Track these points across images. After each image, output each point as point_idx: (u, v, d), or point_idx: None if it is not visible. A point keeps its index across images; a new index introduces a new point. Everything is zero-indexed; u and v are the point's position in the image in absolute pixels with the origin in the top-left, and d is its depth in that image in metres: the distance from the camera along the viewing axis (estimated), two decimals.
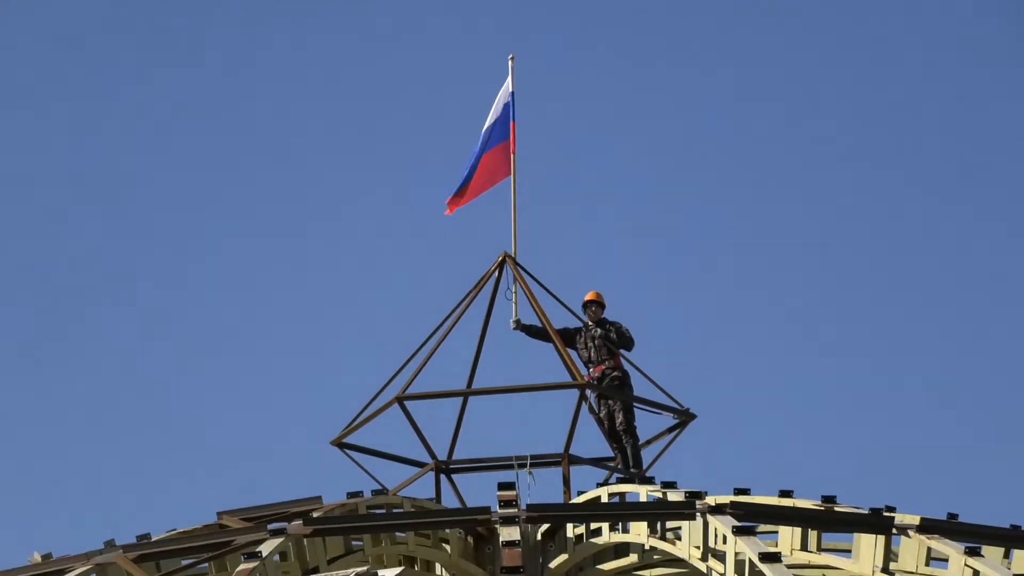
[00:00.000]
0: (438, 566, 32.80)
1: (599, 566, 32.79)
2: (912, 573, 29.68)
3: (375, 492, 33.90)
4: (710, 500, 30.76)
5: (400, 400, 34.89)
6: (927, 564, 29.69)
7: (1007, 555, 30.75)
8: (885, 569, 29.45)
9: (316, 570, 29.81)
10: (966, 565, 28.55)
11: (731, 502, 30.61)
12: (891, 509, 31.17)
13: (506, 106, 35.40)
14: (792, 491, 32.72)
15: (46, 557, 31.10)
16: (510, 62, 36.26)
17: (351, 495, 32.90)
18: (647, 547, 31.49)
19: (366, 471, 35.72)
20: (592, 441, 35.35)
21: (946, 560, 28.99)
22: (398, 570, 31.52)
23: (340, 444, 35.62)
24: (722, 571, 29.12)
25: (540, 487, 34.56)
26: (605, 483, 34.96)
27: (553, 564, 32.18)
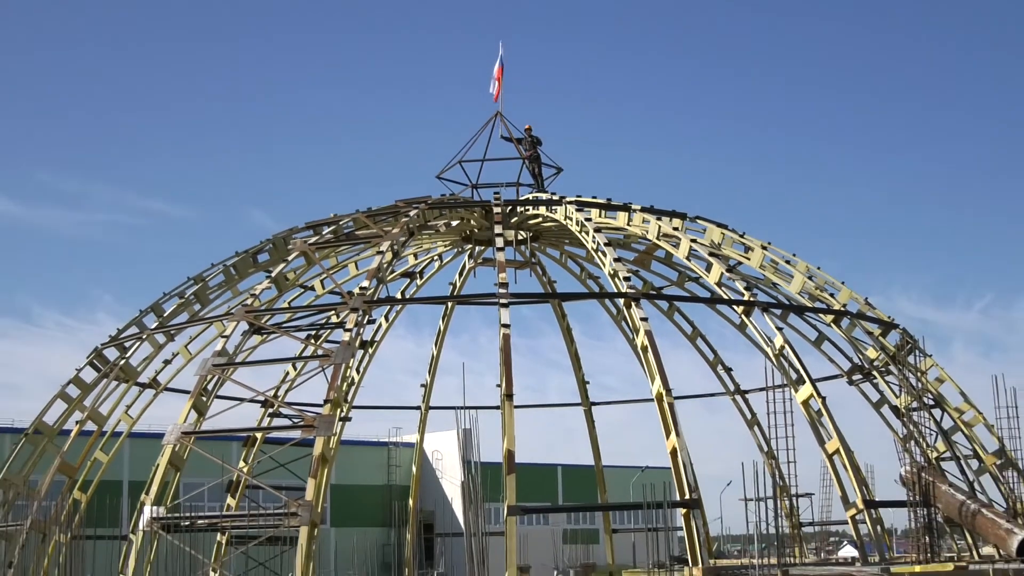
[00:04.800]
0: (471, 221, 32.97)
1: (529, 221, 33.18)
2: (648, 240, 30.20)
3: (451, 195, 33.35)
4: (570, 199, 31.36)
5: (460, 162, 33.91)
6: (668, 240, 30.23)
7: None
8: (632, 229, 30.73)
9: (429, 220, 31.22)
10: (675, 231, 30.06)
11: (575, 200, 31.19)
12: (629, 204, 31.18)
13: (500, 58, 34.77)
14: (598, 196, 32.19)
15: (316, 224, 30.80)
16: (500, 45, 35.24)
17: (441, 195, 32.71)
18: (544, 216, 32.10)
19: (448, 188, 34.10)
20: (527, 178, 34.73)
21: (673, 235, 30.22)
22: (457, 221, 33.09)
23: (439, 177, 34.20)
24: (574, 224, 29.92)
25: (507, 194, 33.71)
26: (530, 193, 34.23)
27: (512, 220, 32.70)
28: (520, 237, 34.13)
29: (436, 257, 36.77)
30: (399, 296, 35.75)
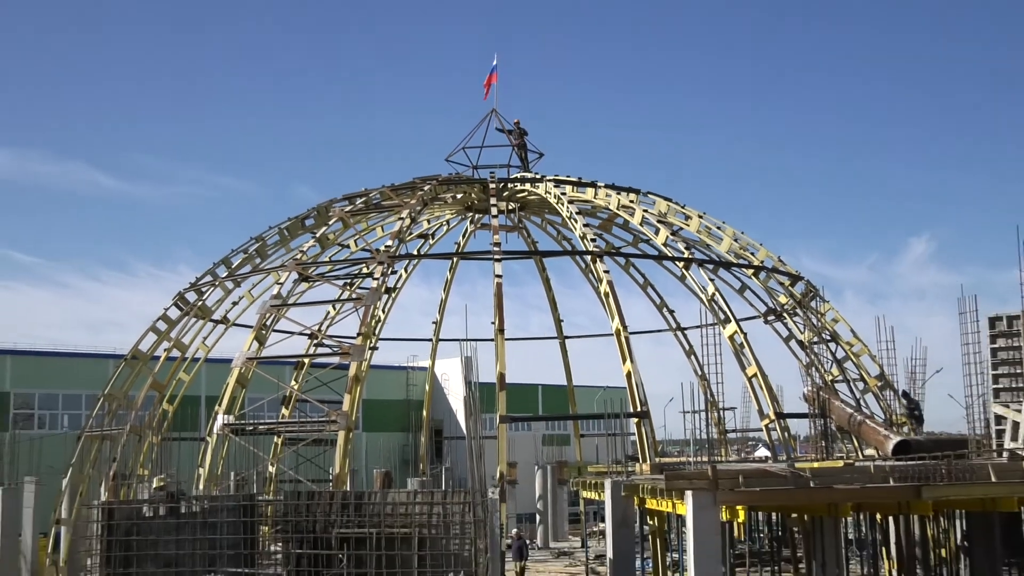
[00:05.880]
0: (472, 194, 32.54)
1: (517, 195, 32.70)
2: (609, 210, 30.21)
3: (456, 174, 32.87)
4: (548, 178, 31.37)
5: (464, 148, 33.26)
6: (625, 210, 30.47)
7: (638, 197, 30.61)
8: (598, 201, 30.68)
9: (439, 193, 30.95)
10: (631, 203, 29.83)
11: (554, 178, 31.16)
12: (595, 181, 30.97)
13: (493, 67, 33.88)
14: (571, 175, 32.17)
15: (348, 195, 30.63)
16: (495, 56, 34.52)
17: (449, 174, 32.50)
18: (528, 191, 31.57)
19: (455, 169, 33.27)
20: (516, 161, 34.21)
21: (616, 201, 30.03)
22: (461, 194, 32.73)
23: (447, 159, 33.55)
24: (552, 197, 29.74)
25: (500, 174, 33.19)
26: (518, 173, 33.51)
27: (504, 194, 32.29)
28: (510, 207, 33.77)
29: (444, 222, 36.45)
30: (415, 253, 35.53)
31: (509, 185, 32.46)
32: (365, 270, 25.52)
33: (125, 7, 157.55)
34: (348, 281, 28.25)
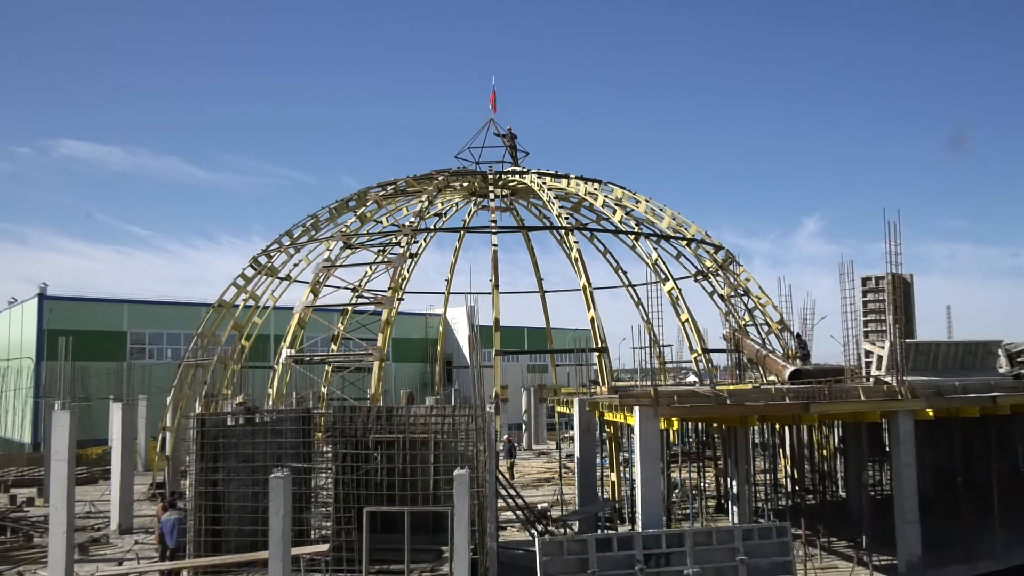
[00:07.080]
0: (476, 183, 31.51)
1: (509, 183, 31.52)
2: (579, 196, 29.46)
3: (464, 167, 32.10)
4: (532, 171, 30.70)
5: (469, 148, 32.68)
6: (590, 195, 29.88)
7: (598, 186, 30.40)
8: (570, 189, 30.17)
9: (450, 182, 30.45)
10: (595, 190, 29.36)
11: (537, 171, 30.39)
12: (568, 173, 30.27)
13: (493, 87, 33.60)
14: (557, 170, 31.37)
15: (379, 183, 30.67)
16: (493, 78, 33.89)
17: (458, 167, 31.77)
18: (517, 180, 30.53)
19: (462, 163, 32.54)
20: (509, 158, 33.69)
21: (585, 189, 29.52)
22: (467, 183, 32.16)
23: (456, 156, 32.76)
24: (535, 185, 29.08)
25: (497, 167, 32.37)
26: (510, 167, 32.49)
27: (499, 183, 31.22)
28: (504, 193, 33.16)
29: (454, 204, 35.70)
30: (432, 227, 35.01)
31: (503, 176, 31.86)
32: (394, 240, 25.25)
33: (195, 31, 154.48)
34: (381, 248, 27.90)
